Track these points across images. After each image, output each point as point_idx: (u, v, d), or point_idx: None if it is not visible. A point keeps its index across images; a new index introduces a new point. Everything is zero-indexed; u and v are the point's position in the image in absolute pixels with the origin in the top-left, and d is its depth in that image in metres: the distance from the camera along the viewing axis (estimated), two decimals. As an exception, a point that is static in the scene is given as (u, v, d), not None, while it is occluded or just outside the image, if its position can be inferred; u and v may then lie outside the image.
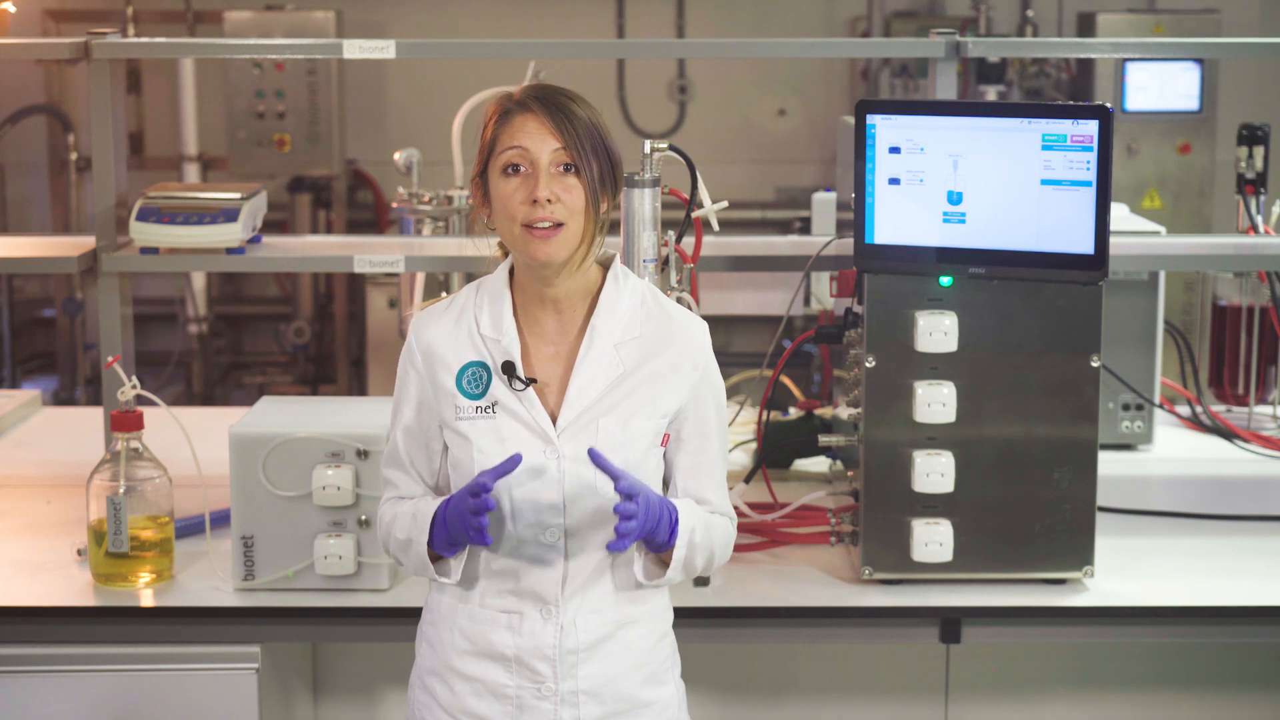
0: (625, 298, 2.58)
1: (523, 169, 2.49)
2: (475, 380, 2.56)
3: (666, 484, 2.65)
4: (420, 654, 2.66)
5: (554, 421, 2.54)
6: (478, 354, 2.56)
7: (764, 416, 3.68)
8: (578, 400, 2.54)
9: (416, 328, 2.61)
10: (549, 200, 2.46)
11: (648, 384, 2.56)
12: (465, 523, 2.46)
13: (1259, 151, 4.13)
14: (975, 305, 3.10)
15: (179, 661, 3.11)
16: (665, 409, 2.57)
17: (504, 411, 2.54)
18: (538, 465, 2.52)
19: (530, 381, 2.54)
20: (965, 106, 3.19)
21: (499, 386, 2.55)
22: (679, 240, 3.26)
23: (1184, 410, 4.27)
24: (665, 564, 2.56)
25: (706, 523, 2.59)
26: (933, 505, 3.13)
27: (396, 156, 4.06)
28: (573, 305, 2.57)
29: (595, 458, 2.47)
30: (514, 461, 2.47)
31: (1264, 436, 4.11)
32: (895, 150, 3.09)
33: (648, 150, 3.16)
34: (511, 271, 2.60)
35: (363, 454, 3.07)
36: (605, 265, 2.60)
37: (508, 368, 2.54)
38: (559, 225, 2.47)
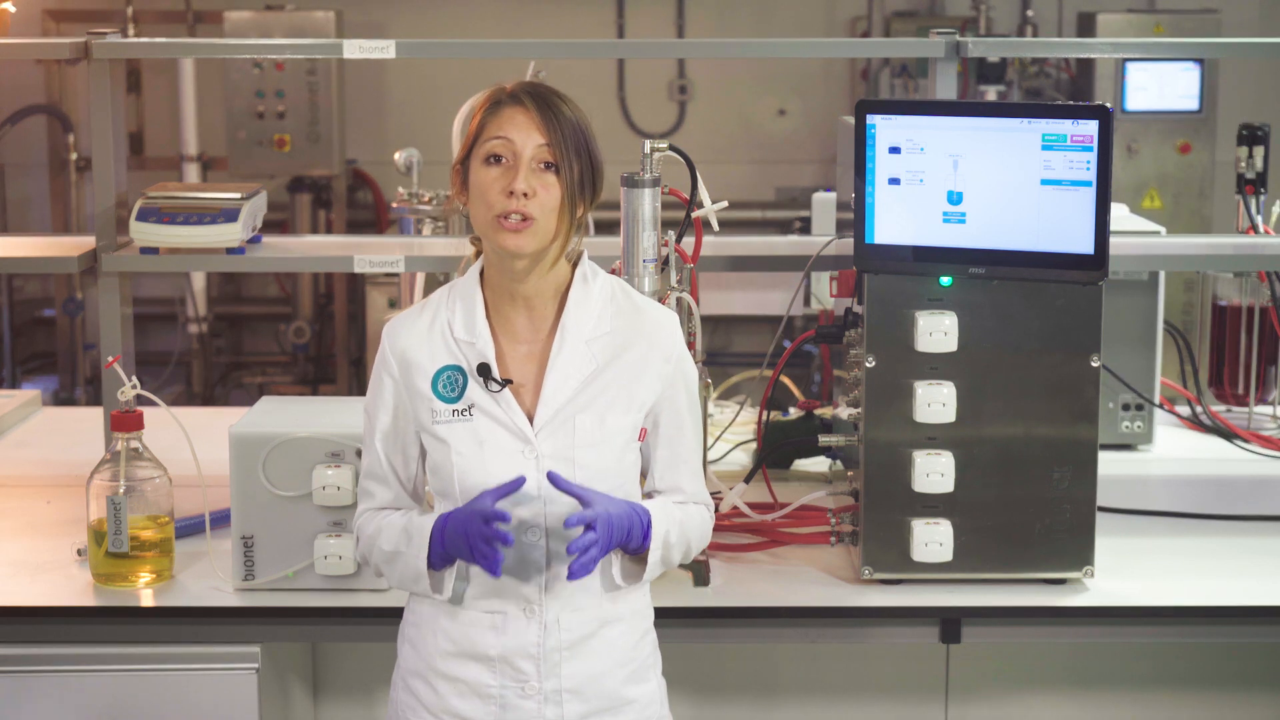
0: (595, 294, 2.60)
1: (504, 160, 2.50)
2: (451, 384, 2.57)
3: (644, 475, 2.66)
4: (402, 655, 2.66)
5: (531, 421, 2.55)
6: (452, 357, 2.57)
7: (764, 416, 3.68)
8: (553, 398, 2.55)
9: (390, 334, 2.62)
10: (525, 194, 2.48)
11: (622, 378, 2.57)
12: (475, 548, 2.46)
13: (1259, 151, 4.13)
14: (975, 305, 3.10)
15: (179, 661, 3.11)
16: (640, 402, 2.58)
17: (481, 413, 2.55)
18: (517, 465, 2.53)
19: (506, 382, 2.55)
20: (965, 106, 3.19)
21: (475, 389, 2.56)
22: (679, 240, 3.26)
23: (1184, 410, 4.27)
24: (642, 563, 2.57)
25: (681, 520, 2.61)
26: (933, 505, 3.13)
27: (396, 156, 4.07)
28: (544, 303, 2.58)
29: (555, 480, 2.48)
30: (518, 483, 2.48)
31: (1264, 436, 4.11)
32: (895, 150, 3.09)
33: (648, 150, 3.16)
34: (483, 272, 2.61)
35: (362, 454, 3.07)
36: (574, 262, 2.61)
37: (483, 369, 2.55)
38: (530, 219, 2.48)
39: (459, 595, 2.57)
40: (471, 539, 2.46)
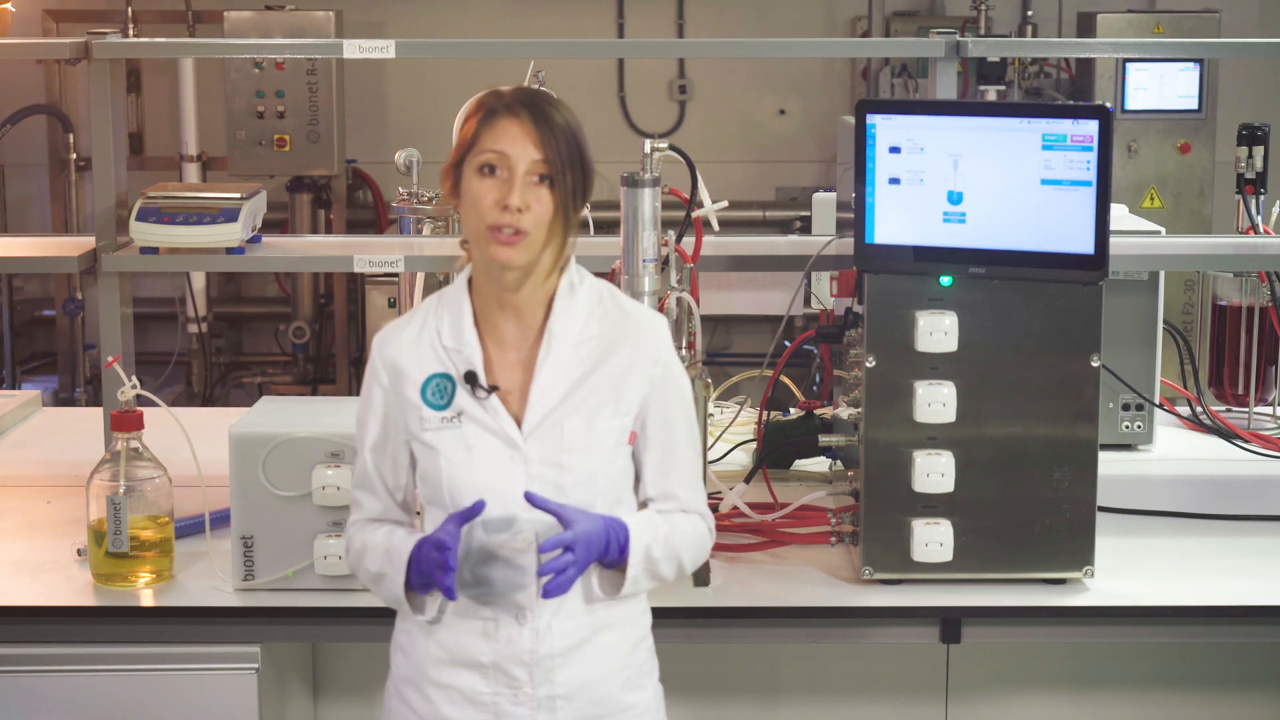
0: (581, 299, 2.59)
1: (499, 172, 2.49)
2: (439, 391, 2.57)
3: (638, 482, 2.64)
4: (395, 663, 2.66)
5: (519, 426, 2.54)
6: (440, 365, 2.57)
7: (764, 416, 3.68)
8: (540, 403, 2.54)
9: (379, 344, 2.62)
10: (519, 210, 2.47)
11: (609, 381, 2.56)
12: (432, 574, 2.48)
13: (1259, 151, 4.13)
14: (975, 305, 3.10)
15: (179, 661, 3.11)
16: (628, 404, 2.57)
17: (469, 420, 2.55)
18: (505, 471, 2.53)
19: (492, 389, 2.55)
20: (965, 106, 3.19)
21: (463, 396, 2.55)
22: (679, 240, 3.26)
23: (1184, 410, 4.27)
24: (623, 575, 2.54)
25: (667, 534, 2.58)
26: (933, 505, 3.13)
27: (396, 156, 4.06)
28: (532, 310, 2.58)
29: (533, 500, 2.47)
30: (478, 508, 2.47)
31: (1264, 436, 4.11)
32: (895, 150, 3.09)
33: (648, 150, 3.16)
34: (471, 279, 2.61)
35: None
36: (562, 268, 2.60)
37: (470, 377, 2.55)
38: (522, 233, 2.48)
39: (440, 616, 2.57)
40: (427, 565, 2.48)
